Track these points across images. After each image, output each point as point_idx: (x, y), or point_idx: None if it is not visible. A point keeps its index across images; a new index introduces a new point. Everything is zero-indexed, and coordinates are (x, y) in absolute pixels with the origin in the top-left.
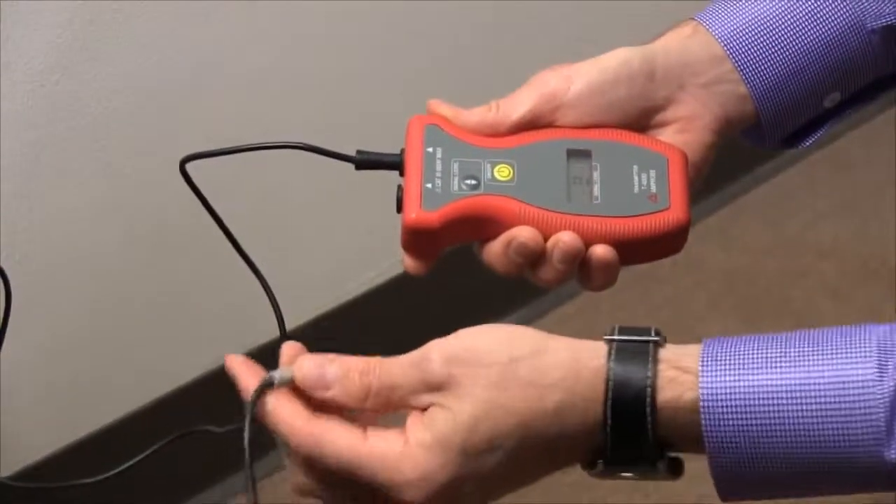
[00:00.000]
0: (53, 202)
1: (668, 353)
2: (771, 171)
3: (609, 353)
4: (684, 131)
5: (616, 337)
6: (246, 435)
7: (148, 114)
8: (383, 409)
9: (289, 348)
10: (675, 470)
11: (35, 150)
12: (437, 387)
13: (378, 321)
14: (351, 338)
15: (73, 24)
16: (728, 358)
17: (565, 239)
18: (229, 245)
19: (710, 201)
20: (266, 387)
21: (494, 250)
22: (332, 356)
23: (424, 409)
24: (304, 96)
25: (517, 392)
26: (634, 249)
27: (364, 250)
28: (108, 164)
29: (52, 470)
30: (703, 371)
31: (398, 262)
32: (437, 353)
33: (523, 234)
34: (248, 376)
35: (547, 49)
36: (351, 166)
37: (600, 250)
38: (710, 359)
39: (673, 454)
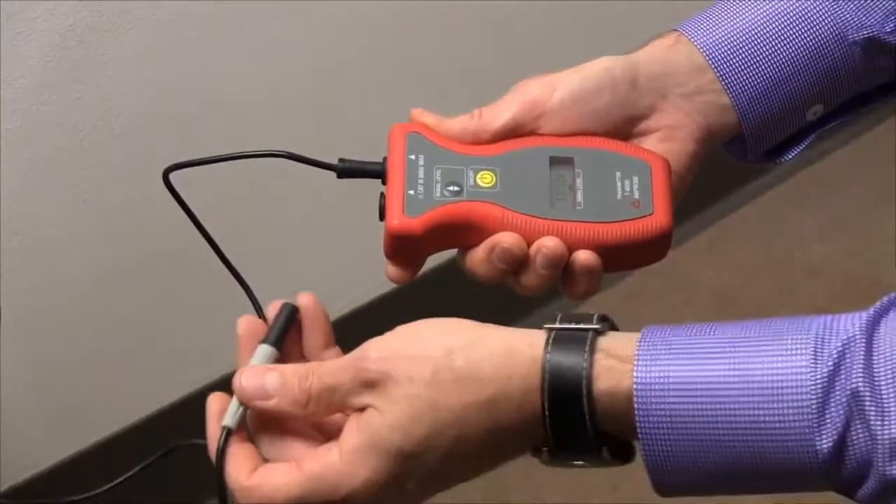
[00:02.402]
0: (43, 222)
1: (606, 341)
2: (760, 189)
3: (546, 342)
4: (667, 140)
5: (555, 325)
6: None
7: (136, 133)
8: (325, 412)
9: (215, 401)
10: (625, 455)
11: (24, 169)
12: (372, 384)
13: (365, 337)
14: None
15: (63, 44)
16: (664, 347)
17: (548, 244)
18: (214, 267)
19: (699, 219)
20: (225, 439)
21: (477, 257)
22: (270, 366)
23: (362, 410)
24: (291, 112)
25: (451, 387)
26: (618, 255)
27: (349, 271)
28: (98, 184)
29: (41, 488)
30: (637, 359)
31: (380, 283)
32: (374, 350)
33: (506, 239)
34: (214, 423)
35: (530, 58)
36: (334, 186)
37: (583, 256)
38: (646, 347)
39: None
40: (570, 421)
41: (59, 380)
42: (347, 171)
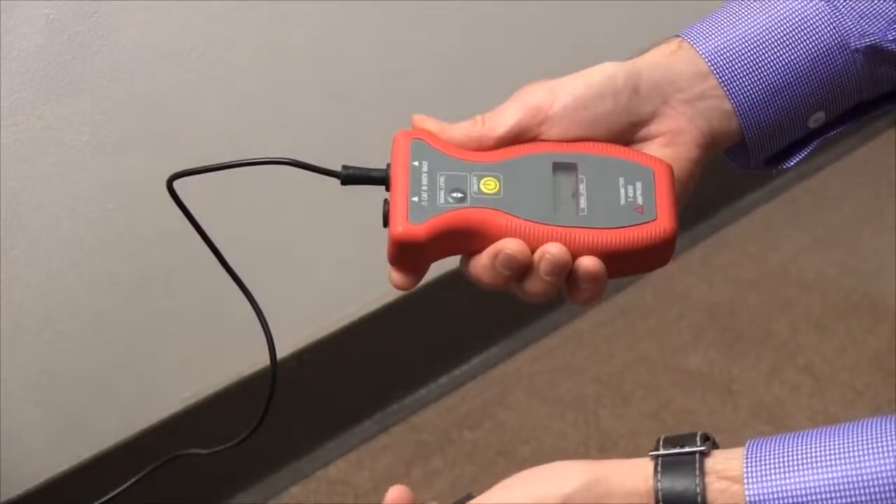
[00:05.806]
0: (40, 235)
1: (714, 462)
2: (754, 203)
3: (656, 471)
4: (669, 145)
5: (661, 452)
6: None
7: (129, 146)
8: None
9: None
10: None
11: (21, 182)
12: None
13: (362, 350)
14: (334, 367)
15: (55, 58)
16: (772, 458)
17: (552, 250)
18: (214, 277)
19: (693, 233)
20: None
21: (481, 263)
22: None
23: None
24: (291, 121)
25: None
26: (622, 261)
27: (353, 278)
28: (91, 197)
29: (41, 499)
30: (747, 475)
31: (377, 297)
32: None
33: (510, 245)
34: None
35: (532, 63)
36: (338, 193)
37: (587, 262)
38: (753, 461)
39: None
40: None
41: (58, 391)
42: (351, 177)
